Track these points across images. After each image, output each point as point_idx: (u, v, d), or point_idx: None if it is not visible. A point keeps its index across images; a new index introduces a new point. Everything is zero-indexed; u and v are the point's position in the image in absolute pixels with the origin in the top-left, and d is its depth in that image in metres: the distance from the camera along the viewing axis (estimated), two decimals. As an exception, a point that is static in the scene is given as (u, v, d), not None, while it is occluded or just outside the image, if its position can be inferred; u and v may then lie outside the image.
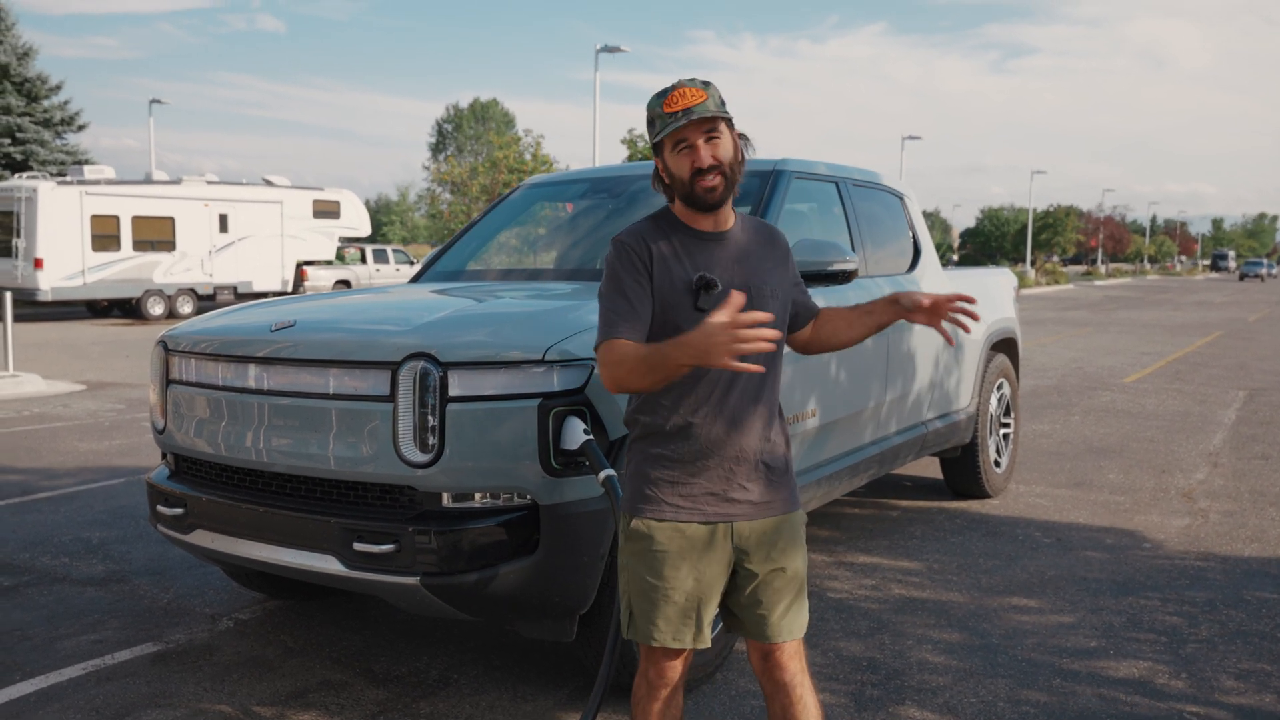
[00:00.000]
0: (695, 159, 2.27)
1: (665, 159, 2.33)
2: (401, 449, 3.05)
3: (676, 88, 2.29)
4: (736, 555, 2.35)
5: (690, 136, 2.28)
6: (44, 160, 31.58)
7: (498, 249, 5.24)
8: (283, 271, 26.73)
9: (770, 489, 2.37)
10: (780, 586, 2.37)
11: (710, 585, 2.35)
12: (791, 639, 2.40)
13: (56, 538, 5.40)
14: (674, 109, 2.26)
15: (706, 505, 2.32)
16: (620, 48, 26.85)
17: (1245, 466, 7.34)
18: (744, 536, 2.34)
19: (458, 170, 32.08)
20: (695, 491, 2.32)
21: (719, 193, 2.30)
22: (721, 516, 2.33)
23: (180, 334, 3.75)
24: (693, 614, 2.35)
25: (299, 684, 3.61)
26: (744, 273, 2.35)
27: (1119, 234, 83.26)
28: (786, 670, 2.40)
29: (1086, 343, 17.97)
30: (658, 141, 2.33)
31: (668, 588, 2.33)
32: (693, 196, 2.30)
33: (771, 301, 2.36)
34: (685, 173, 2.29)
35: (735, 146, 2.34)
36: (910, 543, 5.38)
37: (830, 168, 4.94)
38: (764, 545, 2.35)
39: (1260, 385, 12.03)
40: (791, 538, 2.39)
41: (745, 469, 2.33)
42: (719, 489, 2.32)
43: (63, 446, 7.93)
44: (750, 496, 2.34)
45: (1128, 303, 34.25)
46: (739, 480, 2.33)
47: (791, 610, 2.39)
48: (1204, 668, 3.76)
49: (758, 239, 2.44)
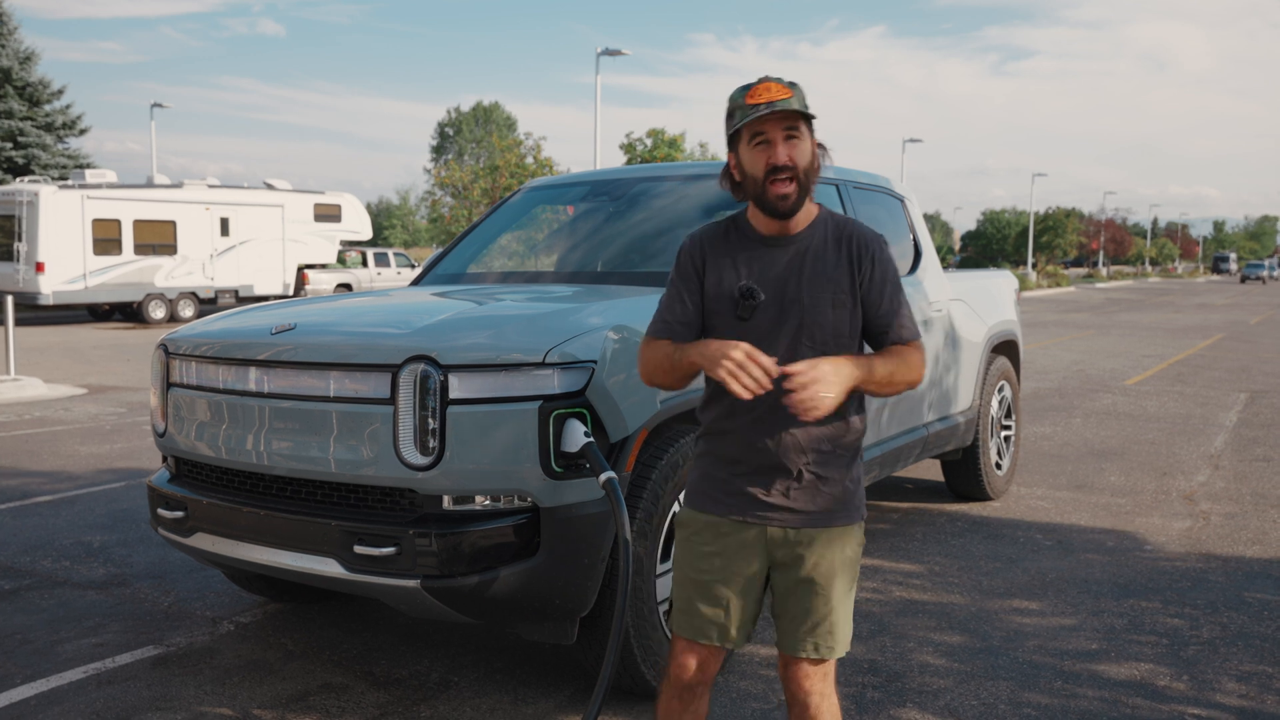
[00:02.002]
0: (771, 156, 2.19)
1: (740, 154, 2.25)
2: (402, 452, 3.05)
3: (762, 81, 2.21)
4: (771, 561, 2.31)
5: (769, 131, 2.19)
6: (46, 164, 31.61)
7: (499, 252, 5.25)
8: (284, 275, 26.75)
9: (816, 500, 2.28)
10: (808, 600, 2.29)
11: (742, 586, 2.31)
12: (812, 656, 2.31)
13: (57, 541, 5.40)
14: (757, 101, 2.18)
15: (741, 504, 2.30)
16: (621, 51, 26.87)
17: (1247, 469, 7.33)
18: (777, 543, 2.29)
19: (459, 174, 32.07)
20: (732, 489, 2.31)
21: (791, 200, 2.21)
22: (756, 518, 2.29)
23: (181, 337, 3.75)
24: (721, 612, 2.31)
25: (300, 687, 3.61)
26: (796, 284, 2.25)
27: (1120, 236, 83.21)
28: (802, 687, 2.33)
29: (1088, 345, 17.96)
30: (734, 134, 2.25)
31: (697, 578, 2.33)
32: (764, 200, 2.23)
33: (825, 312, 2.24)
34: (760, 171, 2.21)
35: (814, 154, 2.25)
36: (911, 545, 5.37)
37: (831, 170, 4.94)
38: (799, 555, 2.29)
39: (1262, 388, 12.02)
40: (834, 553, 2.29)
41: (786, 478, 2.26)
42: (757, 492, 2.28)
43: (64, 450, 7.93)
44: (789, 504, 2.28)
45: (1129, 305, 34.23)
46: (777, 487, 2.27)
47: (820, 628, 2.30)
48: (1205, 670, 3.76)
49: (830, 244, 2.29)
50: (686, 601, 2.36)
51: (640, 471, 3.28)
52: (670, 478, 3.32)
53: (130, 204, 23.59)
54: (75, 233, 22.49)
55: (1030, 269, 57.22)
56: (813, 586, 2.30)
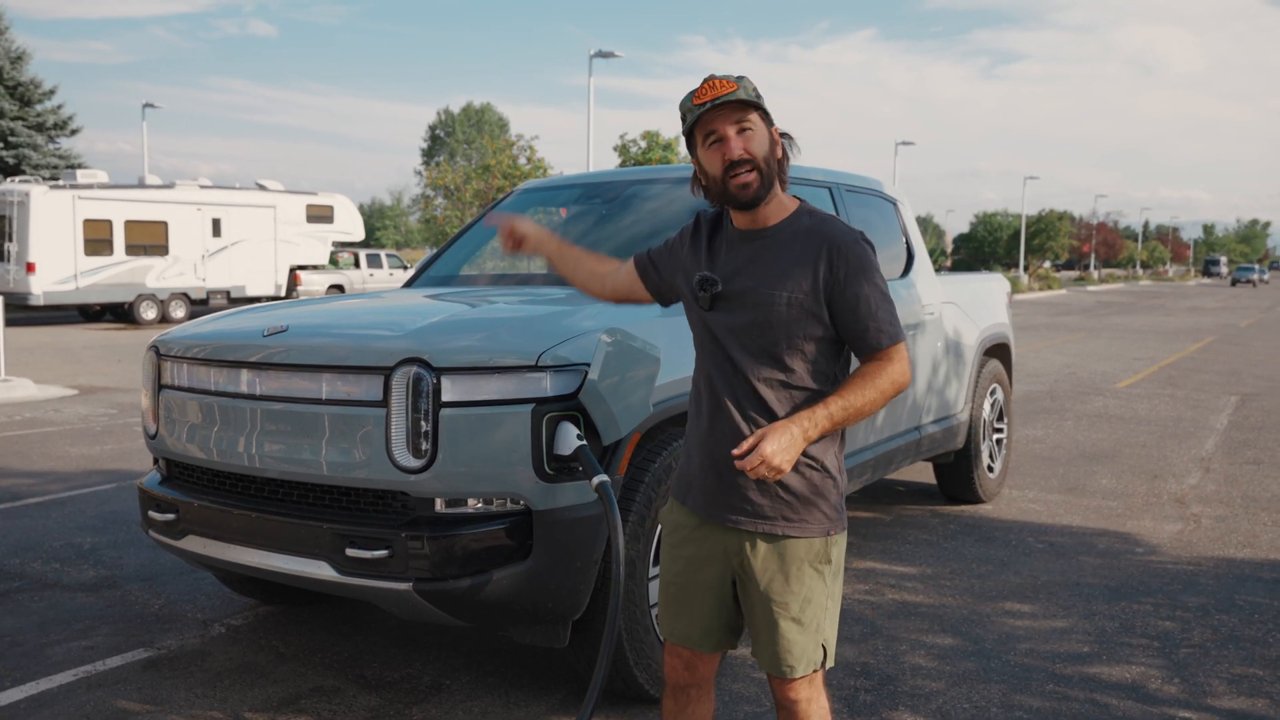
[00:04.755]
0: (726, 151, 2.16)
1: (699, 157, 2.24)
2: (394, 454, 3.04)
3: (707, 80, 2.19)
4: (731, 569, 2.27)
5: (720, 127, 2.17)
6: (37, 165, 31.51)
7: (491, 254, 5.24)
8: (276, 276, 26.68)
9: (778, 506, 2.19)
10: (763, 616, 2.22)
11: (703, 593, 2.28)
12: (777, 674, 2.23)
13: (47, 543, 5.38)
14: (703, 99, 2.16)
15: (704, 503, 2.27)
16: (614, 53, 26.87)
17: (1237, 471, 7.36)
18: (734, 550, 2.24)
19: (452, 175, 32.03)
20: (691, 472, 2.31)
21: (753, 190, 2.17)
22: (715, 519, 2.25)
23: (172, 339, 3.73)
24: (687, 618, 2.29)
25: (291, 690, 3.60)
26: (754, 277, 2.20)
27: (1112, 239, 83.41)
28: (786, 696, 2.27)
29: (1079, 348, 18.01)
30: (690, 137, 2.24)
31: (669, 579, 2.34)
32: (726, 195, 2.21)
33: (779, 310, 2.16)
34: (718, 169, 2.19)
35: (773, 141, 2.22)
36: (904, 548, 5.38)
37: (823, 173, 4.95)
38: (756, 566, 2.21)
39: (1252, 390, 12.06)
40: (792, 567, 2.20)
41: (743, 479, 2.19)
42: (712, 486, 2.24)
43: (54, 451, 7.90)
44: (746, 506, 2.20)
45: (1120, 308, 34.34)
46: (735, 488, 2.21)
47: (778, 646, 2.21)
48: (1196, 672, 3.76)
49: (799, 240, 2.21)
50: (663, 603, 2.38)
51: (633, 474, 3.27)
52: (663, 481, 3.32)
53: (122, 204, 23.51)
54: (66, 233, 22.41)
55: (1022, 272, 57.36)
56: (767, 602, 2.21)
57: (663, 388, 3.32)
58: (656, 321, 3.44)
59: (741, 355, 2.20)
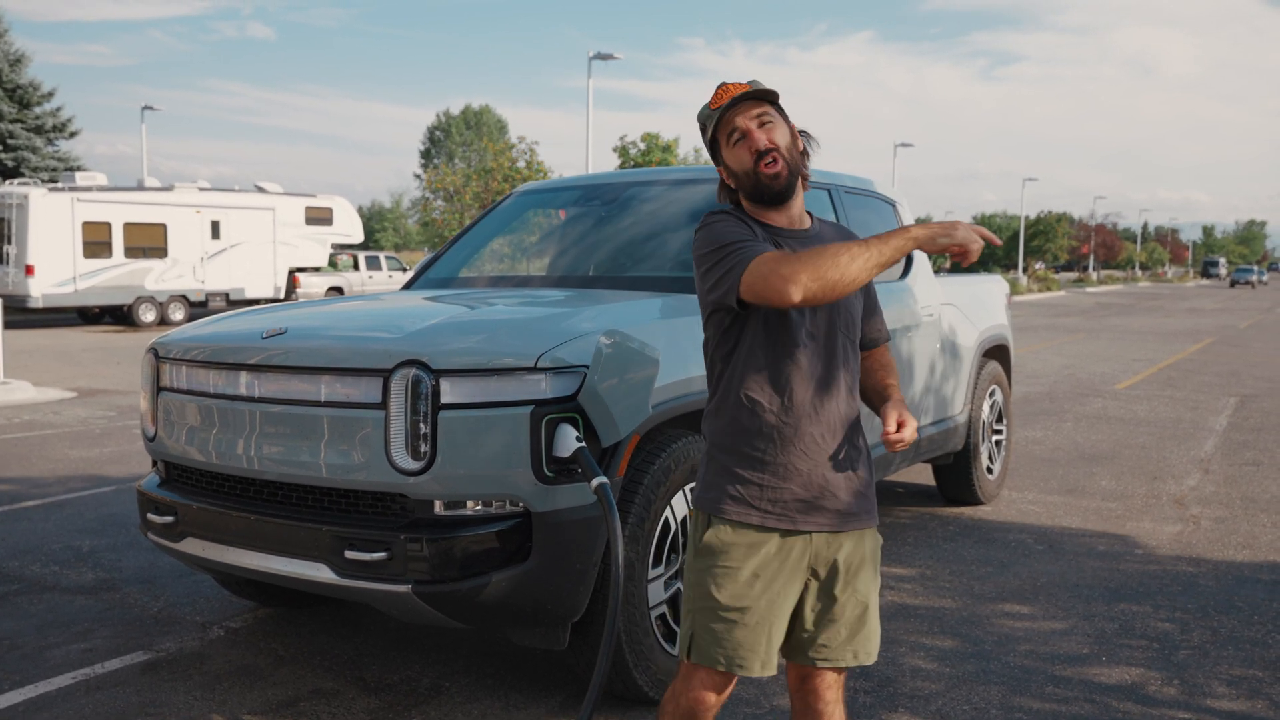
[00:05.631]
0: (752, 143, 2.20)
1: (725, 158, 2.26)
2: (393, 456, 3.04)
3: (720, 86, 2.25)
4: (813, 572, 2.23)
5: (741, 123, 2.21)
6: (36, 167, 31.51)
7: (490, 256, 5.24)
8: (275, 278, 26.67)
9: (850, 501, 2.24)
10: (852, 607, 2.24)
11: (785, 610, 2.22)
12: (851, 664, 2.27)
13: (46, 546, 5.38)
14: (720, 102, 2.22)
15: (783, 512, 2.19)
16: (613, 55, 26.88)
17: (1236, 473, 7.36)
18: (820, 550, 2.22)
19: (451, 178, 32.02)
20: (773, 496, 2.20)
21: (783, 179, 2.20)
22: (805, 524, 2.20)
23: (171, 341, 3.74)
24: (763, 641, 2.21)
25: (290, 692, 3.60)
26: None
27: (1111, 241, 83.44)
28: (823, 698, 2.28)
29: (1078, 349, 18.02)
30: (714, 143, 2.26)
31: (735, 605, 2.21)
32: (758, 185, 2.21)
33: (854, 298, 2.29)
34: (748, 161, 2.20)
35: (793, 135, 2.26)
36: (903, 549, 5.38)
37: (822, 175, 4.95)
38: (841, 560, 2.23)
39: (1251, 391, 12.07)
40: (867, 554, 2.27)
41: (821, 481, 2.20)
42: (798, 496, 2.19)
43: (53, 454, 7.89)
44: (840, 507, 2.21)
45: (1119, 309, 34.35)
46: (833, 488, 2.21)
47: (861, 634, 2.26)
48: (1196, 674, 3.76)
49: (836, 239, 2.30)
50: (720, 631, 2.19)
51: (632, 476, 3.28)
52: (662, 483, 3.32)
53: (121, 207, 23.51)
54: (65, 235, 22.41)
55: (1021, 273, 57.39)
56: (855, 592, 2.25)
57: (662, 389, 3.32)
58: (655, 323, 3.45)
59: (842, 347, 2.25)
